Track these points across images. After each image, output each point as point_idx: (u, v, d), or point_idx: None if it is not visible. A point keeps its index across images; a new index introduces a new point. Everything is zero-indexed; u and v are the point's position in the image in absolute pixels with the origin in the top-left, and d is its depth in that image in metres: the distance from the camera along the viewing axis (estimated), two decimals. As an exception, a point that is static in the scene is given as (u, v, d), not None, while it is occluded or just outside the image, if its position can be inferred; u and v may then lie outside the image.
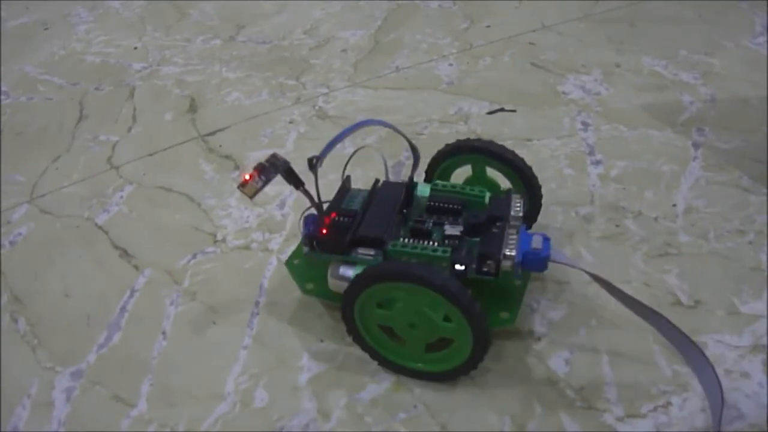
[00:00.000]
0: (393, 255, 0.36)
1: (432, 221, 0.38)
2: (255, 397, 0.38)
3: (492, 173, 0.43)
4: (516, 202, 0.38)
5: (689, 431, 0.34)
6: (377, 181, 0.41)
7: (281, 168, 0.35)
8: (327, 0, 0.81)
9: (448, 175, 0.44)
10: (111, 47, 0.75)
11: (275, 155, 0.36)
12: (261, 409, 0.37)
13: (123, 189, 0.54)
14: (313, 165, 0.36)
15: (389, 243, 0.36)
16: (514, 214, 0.37)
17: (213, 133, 0.60)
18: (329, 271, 0.38)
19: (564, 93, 0.61)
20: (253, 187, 0.34)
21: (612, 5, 0.76)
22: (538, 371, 0.38)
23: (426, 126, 0.58)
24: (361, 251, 0.37)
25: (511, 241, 0.36)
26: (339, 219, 0.38)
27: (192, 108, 0.63)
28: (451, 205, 0.38)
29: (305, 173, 0.36)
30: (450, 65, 0.67)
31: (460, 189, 0.39)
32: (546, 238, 0.36)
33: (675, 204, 0.48)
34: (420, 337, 0.36)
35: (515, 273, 0.36)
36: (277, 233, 0.48)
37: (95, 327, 0.42)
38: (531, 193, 0.42)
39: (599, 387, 0.37)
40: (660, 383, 0.37)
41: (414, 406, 0.37)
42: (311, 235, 0.37)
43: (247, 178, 0.35)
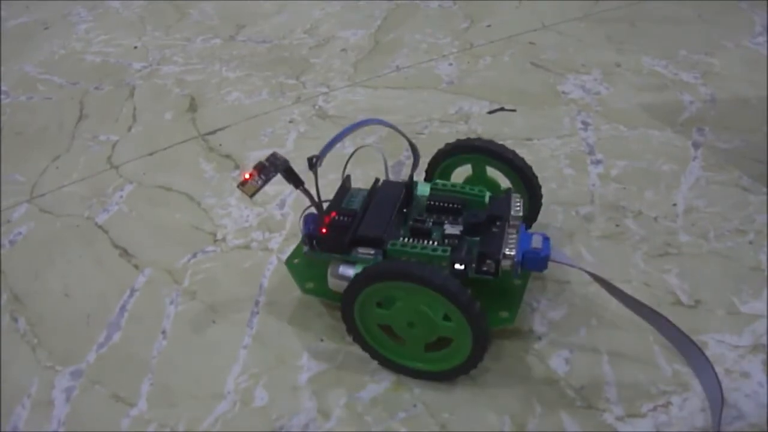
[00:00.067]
0: (393, 254, 0.36)
1: (432, 221, 0.38)
2: (255, 397, 0.38)
3: (492, 173, 0.43)
4: (516, 201, 0.38)
5: (689, 431, 0.34)
6: (377, 181, 0.41)
7: (281, 167, 0.35)
8: (327, 0, 0.81)
9: (448, 175, 0.44)
10: (111, 47, 0.75)
11: (275, 154, 0.36)
12: (261, 409, 0.37)
13: (123, 188, 0.54)
14: (313, 164, 0.36)
15: (389, 242, 0.36)
16: (514, 213, 0.37)
17: (213, 133, 0.60)
18: (329, 271, 0.38)
19: (564, 93, 0.61)
20: (253, 186, 0.35)
21: (612, 5, 0.76)
22: (538, 371, 0.38)
23: (426, 125, 0.58)
24: (361, 250, 0.37)
25: (511, 241, 0.36)
26: (339, 218, 0.38)
27: (192, 107, 0.63)
28: (451, 205, 0.38)
29: (305, 173, 0.36)
30: (450, 65, 0.67)
31: (460, 188, 0.39)
32: (546, 237, 0.36)
33: (675, 204, 0.48)
34: (420, 337, 0.36)
35: (515, 272, 0.36)
36: (277, 232, 0.48)
37: (95, 326, 0.42)
38: (531, 193, 0.42)
39: (599, 386, 0.37)
40: (660, 383, 0.37)
41: (414, 405, 0.37)
42: (311, 235, 0.37)
43: (247, 177, 0.35)
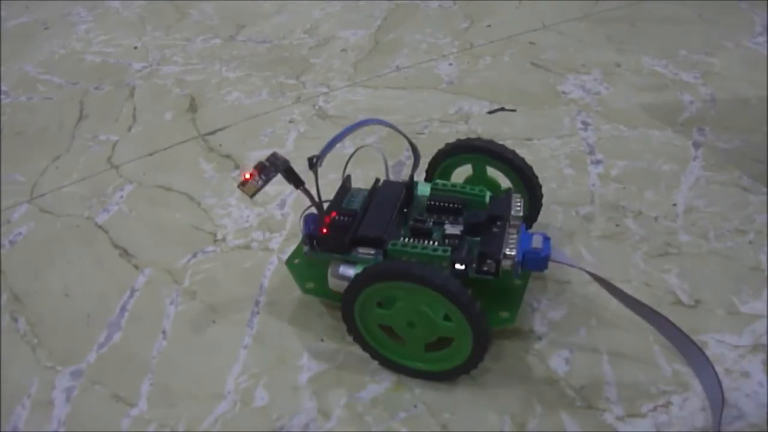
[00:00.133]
0: (393, 254, 0.36)
1: (432, 220, 0.38)
2: (255, 397, 0.38)
3: (492, 173, 0.43)
4: (516, 201, 0.38)
5: (689, 431, 0.34)
6: (377, 181, 0.41)
7: (281, 167, 0.35)
8: (327, 0, 0.81)
9: (448, 175, 0.44)
10: (111, 47, 0.75)
11: (275, 154, 0.36)
12: (261, 409, 0.37)
13: (123, 188, 0.54)
14: (314, 164, 0.36)
15: (389, 242, 0.36)
16: (514, 213, 0.37)
17: (213, 133, 0.60)
18: (329, 271, 0.38)
19: (564, 93, 0.61)
20: (253, 186, 0.35)
21: (612, 5, 0.76)
22: (538, 371, 0.38)
23: (426, 125, 0.58)
24: (362, 250, 0.37)
25: (512, 241, 0.36)
26: (339, 218, 0.38)
27: (192, 107, 0.63)
28: (452, 205, 0.38)
29: (305, 173, 0.36)
30: (450, 65, 0.67)
31: (460, 188, 0.39)
32: (546, 237, 0.36)
33: (675, 203, 0.48)
34: (420, 337, 0.36)
35: (515, 272, 0.36)
36: (277, 232, 0.48)
37: (95, 326, 0.42)
38: (531, 193, 0.42)
39: (599, 386, 0.37)
40: (660, 383, 0.37)
41: (414, 405, 0.37)
42: (311, 235, 0.37)
43: (247, 177, 0.35)
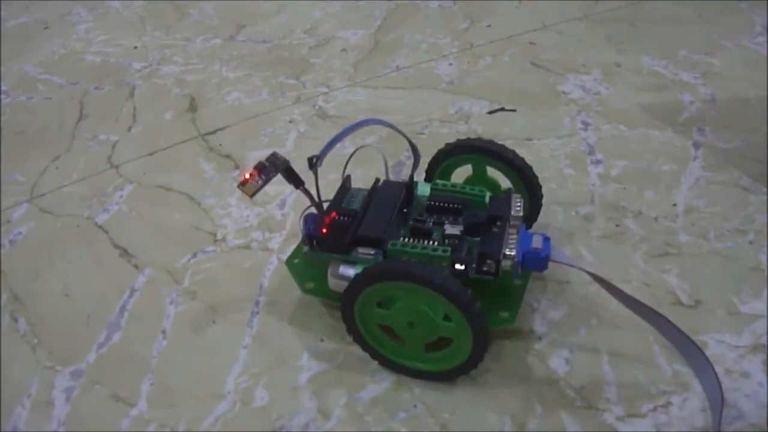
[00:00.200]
0: (393, 254, 0.36)
1: (432, 221, 0.38)
2: (255, 397, 0.38)
3: (492, 173, 0.43)
4: (516, 201, 0.38)
5: (689, 431, 0.34)
6: (377, 181, 0.41)
7: (281, 167, 0.35)
8: (327, 0, 0.81)
9: (448, 175, 0.44)
10: (111, 47, 0.75)
11: (275, 154, 0.36)
12: (261, 409, 0.37)
13: (123, 188, 0.54)
14: (313, 164, 0.36)
15: (389, 242, 0.36)
16: (514, 213, 0.37)
17: (213, 133, 0.60)
18: (329, 271, 0.38)
19: (564, 93, 0.61)
20: (253, 186, 0.35)
21: (612, 5, 0.76)
22: (538, 371, 0.38)
23: (426, 125, 0.58)
24: (361, 250, 0.37)
25: (512, 241, 0.36)
26: (339, 218, 0.38)
27: (192, 107, 0.63)
28: (452, 205, 0.38)
29: (305, 173, 0.36)
30: (450, 65, 0.67)
31: (460, 188, 0.39)
32: (546, 237, 0.36)
33: (675, 204, 0.48)
34: (420, 337, 0.36)
35: (515, 272, 0.36)
36: (277, 232, 0.48)
37: (95, 326, 0.42)
38: (531, 193, 0.42)
39: (599, 386, 0.37)
40: (660, 383, 0.37)
41: (414, 405, 0.37)
42: (311, 235, 0.37)
43: (247, 177, 0.35)
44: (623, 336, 0.39)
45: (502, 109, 0.60)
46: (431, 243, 0.36)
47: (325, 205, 0.38)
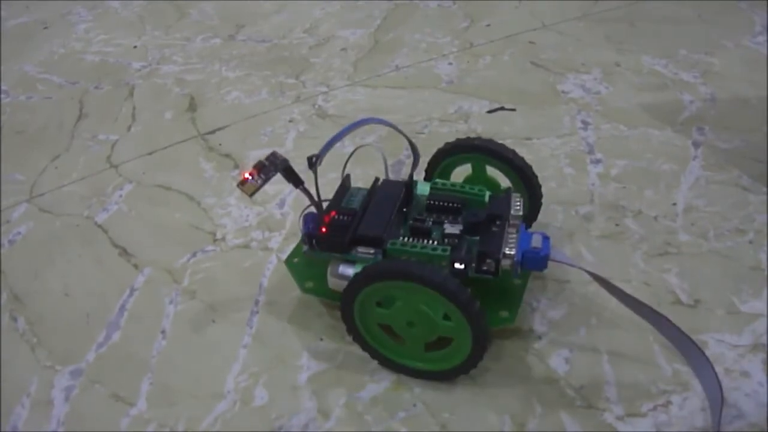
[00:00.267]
0: (392, 253, 0.36)
1: (432, 220, 0.38)
2: (255, 396, 0.38)
3: (492, 172, 0.43)
4: (516, 200, 0.38)
5: (689, 431, 0.34)
6: (377, 180, 0.41)
7: (280, 166, 0.35)
8: (326, 0, 0.81)
9: (448, 174, 0.44)
10: (110, 46, 0.75)
11: (274, 153, 0.36)
12: (261, 408, 0.37)
13: (122, 188, 0.54)
14: (313, 163, 0.36)
15: (389, 242, 0.36)
16: (513, 212, 0.37)
17: (213, 132, 0.60)
18: (329, 270, 0.38)
19: (564, 92, 0.61)
20: (252, 186, 0.35)
21: (611, 5, 0.75)
22: (538, 370, 0.38)
23: (426, 125, 0.58)
24: (361, 250, 0.37)
25: (511, 240, 0.36)
26: (339, 217, 0.38)
27: (192, 107, 0.63)
28: (451, 204, 0.38)
29: (305, 172, 0.36)
30: (450, 64, 0.67)
31: (459, 188, 0.39)
32: (545, 236, 0.36)
33: (675, 203, 0.48)
34: (419, 336, 0.36)
35: (515, 272, 0.36)
36: (277, 232, 0.48)
37: (95, 326, 0.42)
38: (530, 192, 0.42)
39: (599, 386, 0.37)
40: (660, 382, 0.37)
41: (414, 405, 0.37)
42: (311, 234, 0.37)
43: (247, 176, 0.35)
44: (623, 335, 0.39)
45: (501, 109, 0.60)
46: (431, 242, 0.36)
47: (325, 205, 0.38)
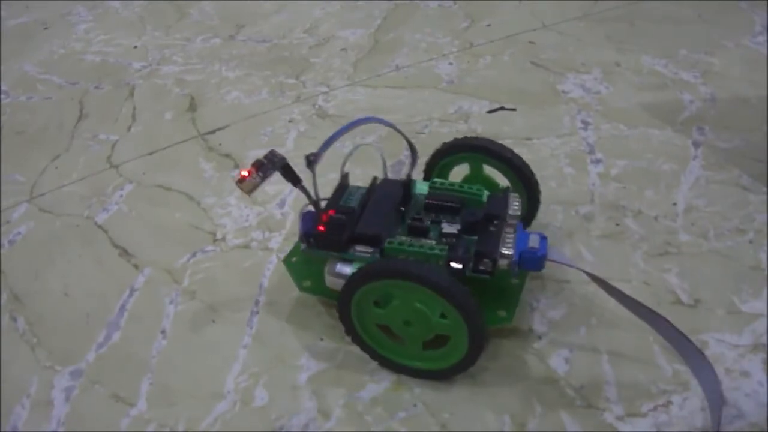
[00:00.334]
0: (390, 252, 0.36)
1: (430, 219, 0.38)
2: (255, 396, 0.38)
3: (491, 171, 0.42)
4: (514, 200, 0.38)
5: (689, 430, 0.34)
6: (375, 179, 0.41)
7: (279, 165, 0.35)
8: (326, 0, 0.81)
9: (446, 173, 0.44)
10: (111, 46, 0.75)
11: (273, 152, 0.36)
12: (260, 408, 0.37)
13: (122, 188, 0.54)
14: (311, 162, 0.36)
15: (386, 240, 0.36)
16: (511, 212, 0.37)
17: (213, 132, 0.60)
18: (326, 269, 0.38)
19: (564, 92, 0.61)
20: (251, 184, 0.35)
21: (611, 5, 0.75)
22: (538, 370, 0.38)
23: (426, 125, 0.58)
24: (359, 248, 0.37)
25: (508, 240, 0.36)
26: (337, 216, 0.38)
27: (192, 107, 0.63)
28: (449, 203, 0.38)
29: (305, 172, 0.36)
30: (450, 64, 0.67)
31: (458, 187, 0.39)
32: (543, 237, 0.36)
33: (675, 203, 0.48)
34: (417, 335, 0.36)
35: (512, 271, 0.36)
36: (277, 232, 0.48)
37: (95, 326, 0.42)
38: (529, 192, 0.41)
39: (599, 386, 0.37)
40: (660, 382, 0.37)
41: (414, 405, 0.37)
42: (309, 232, 0.37)
43: (245, 174, 0.35)
44: (623, 335, 0.39)
45: (501, 109, 0.60)
46: (428, 241, 0.36)
47: (324, 204, 0.38)
